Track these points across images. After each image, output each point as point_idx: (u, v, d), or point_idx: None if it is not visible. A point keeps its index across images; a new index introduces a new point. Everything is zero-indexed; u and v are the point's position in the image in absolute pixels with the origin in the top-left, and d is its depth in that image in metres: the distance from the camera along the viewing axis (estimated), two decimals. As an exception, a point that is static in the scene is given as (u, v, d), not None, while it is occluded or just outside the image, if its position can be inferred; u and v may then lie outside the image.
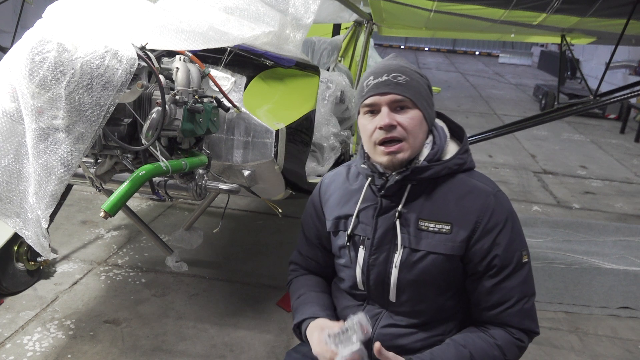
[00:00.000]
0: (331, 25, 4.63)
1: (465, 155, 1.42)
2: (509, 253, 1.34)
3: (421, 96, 1.36)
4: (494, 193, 1.37)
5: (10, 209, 1.55)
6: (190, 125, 1.74)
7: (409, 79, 1.34)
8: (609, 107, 9.55)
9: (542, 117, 4.60)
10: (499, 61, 21.68)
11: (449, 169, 1.38)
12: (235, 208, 4.16)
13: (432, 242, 1.36)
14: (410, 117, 1.33)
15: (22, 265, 2.74)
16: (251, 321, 2.69)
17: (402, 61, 1.40)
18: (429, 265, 1.37)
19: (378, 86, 1.34)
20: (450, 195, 1.37)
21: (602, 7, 3.49)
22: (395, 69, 1.35)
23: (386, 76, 1.34)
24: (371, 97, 1.35)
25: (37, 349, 2.36)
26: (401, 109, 1.34)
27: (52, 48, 1.39)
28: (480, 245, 1.34)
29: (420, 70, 1.41)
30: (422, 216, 1.37)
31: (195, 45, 1.70)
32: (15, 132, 1.51)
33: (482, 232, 1.34)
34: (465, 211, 1.35)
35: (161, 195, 1.99)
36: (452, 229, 1.35)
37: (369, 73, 1.39)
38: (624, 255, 3.81)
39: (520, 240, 1.38)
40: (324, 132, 2.97)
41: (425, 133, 1.39)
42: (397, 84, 1.32)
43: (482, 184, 1.39)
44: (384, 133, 1.33)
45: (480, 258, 1.35)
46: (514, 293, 1.35)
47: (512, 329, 1.37)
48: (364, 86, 1.38)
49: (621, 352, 2.72)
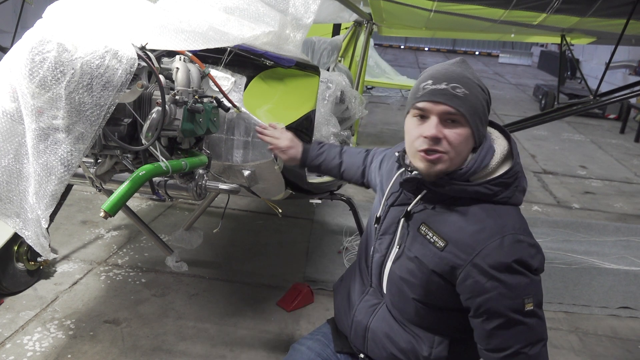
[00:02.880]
0: (331, 25, 4.63)
1: (498, 188, 1.30)
2: (506, 300, 1.22)
3: (476, 113, 1.28)
4: (504, 235, 1.24)
5: (10, 209, 1.55)
6: (190, 125, 1.73)
7: (468, 92, 1.26)
8: (609, 107, 9.56)
9: (542, 117, 4.61)
10: (499, 61, 21.68)
11: (467, 194, 1.30)
12: (235, 208, 4.16)
13: (423, 249, 1.34)
14: (458, 133, 1.27)
15: (22, 265, 2.74)
16: (251, 321, 2.69)
17: (467, 70, 1.32)
18: (414, 270, 1.36)
19: (434, 93, 1.27)
20: (462, 217, 1.30)
21: (602, 7, 3.50)
22: (456, 79, 1.27)
23: (445, 84, 1.26)
24: (424, 102, 1.28)
25: (37, 349, 2.36)
26: (452, 122, 1.27)
27: (52, 48, 1.39)
28: (468, 283, 1.26)
29: (483, 83, 1.33)
30: (427, 222, 1.35)
31: (195, 45, 1.70)
32: (15, 132, 1.51)
33: (470, 270, 1.25)
34: (464, 239, 1.28)
35: (161, 195, 1.99)
36: (445, 248, 1.29)
37: (429, 75, 1.31)
38: (624, 255, 3.81)
39: (522, 289, 1.23)
40: (324, 132, 2.97)
41: (469, 150, 1.32)
42: (454, 96, 1.25)
43: (499, 221, 1.27)
44: (428, 143, 1.27)
45: (467, 296, 1.27)
46: (514, 342, 1.24)
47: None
48: (420, 88, 1.30)
49: (621, 352, 2.72)
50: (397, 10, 4.13)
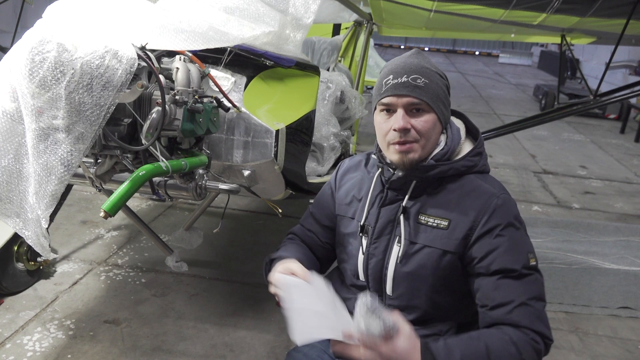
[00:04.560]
0: (331, 25, 4.63)
1: (476, 157, 1.42)
2: (511, 256, 1.31)
3: (438, 99, 1.37)
4: (499, 195, 1.36)
5: (10, 209, 1.55)
6: (190, 125, 1.74)
7: (428, 81, 1.34)
8: (609, 107, 9.55)
9: (542, 117, 4.61)
10: (499, 61, 21.70)
11: (455, 170, 1.40)
12: (235, 208, 4.16)
13: (429, 236, 1.37)
14: (424, 120, 1.35)
15: (22, 265, 2.74)
16: (251, 321, 2.69)
17: (424, 60, 1.40)
18: (424, 259, 1.37)
19: (396, 87, 1.34)
20: (454, 193, 1.39)
21: (602, 7, 3.50)
22: (415, 70, 1.35)
23: (405, 77, 1.34)
24: (388, 97, 1.36)
25: (37, 349, 2.36)
26: (417, 112, 1.35)
27: (52, 48, 1.39)
28: (479, 245, 1.33)
29: (440, 70, 1.41)
30: (423, 210, 1.40)
31: (195, 45, 1.70)
32: (15, 132, 1.51)
33: (480, 232, 1.33)
34: (466, 209, 1.35)
35: (161, 195, 1.99)
36: (449, 225, 1.36)
37: (389, 71, 1.38)
38: (624, 255, 3.81)
39: (525, 243, 1.35)
40: (324, 132, 2.98)
41: (438, 134, 1.40)
42: (416, 86, 1.33)
43: (488, 186, 1.39)
44: (398, 135, 1.34)
45: (479, 258, 1.34)
46: (520, 292, 1.28)
47: (524, 329, 1.26)
48: (382, 84, 1.38)
49: (621, 352, 2.72)
50: (397, 10, 4.13)
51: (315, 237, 1.64)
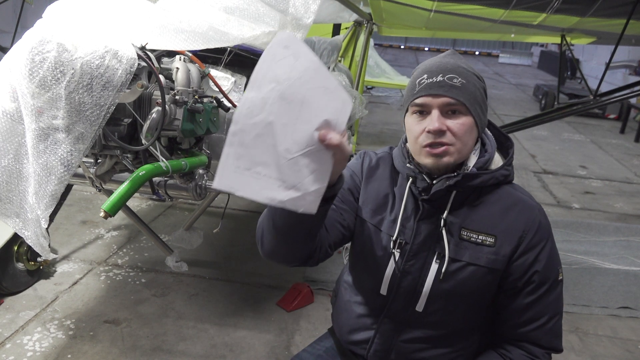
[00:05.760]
0: (331, 25, 4.63)
1: (511, 167, 1.36)
2: (548, 270, 1.30)
3: (476, 101, 1.26)
4: (539, 207, 1.32)
5: (10, 209, 1.55)
6: (190, 125, 1.74)
7: (465, 81, 1.24)
8: (609, 107, 9.56)
9: (542, 117, 4.61)
10: (499, 61, 21.69)
11: (496, 179, 1.31)
12: (235, 208, 4.16)
13: (474, 253, 1.29)
14: (461, 123, 1.23)
15: (22, 265, 2.74)
16: (251, 321, 2.69)
17: (460, 60, 1.30)
18: (467, 277, 1.30)
19: (431, 87, 1.23)
20: (496, 207, 1.31)
21: (602, 7, 3.50)
22: (452, 69, 1.25)
23: (441, 77, 1.23)
24: (423, 97, 1.24)
25: (37, 349, 2.36)
26: (453, 113, 1.24)
27: (52, 48, 1.39)
28: (522, 261, 1.29)
29: (478, 72, 1.32)
30: (466, 225, 1.30)
31: (195, 45, 1.70)
32: (15, 132, 1.51)
33: (526, 247, 1.28)
34: (511, 225, 1.29)
35: (161, 195, 1.99)
36: (496, 242, 1.28)
37: (423, 70, 1.28)
38: (624, 255, 3.81)
39: (557, 257, 1.34)
40: (324, 132, 2.97)
41: (474, 140, 1.30)
42: (452, 86, 1.22)
43: (527, 198, 1.33)
44: (432, 137, 1.23)
45: (520, 274, 1.29)
46: (548, 311, 1.32)
47: (537, 348, 1.33)
48: (415, 84, 1.27)
49: (621, 352, 2.72)
50: (397, 10, 4.14)
51: (336, 211, 1.41)
